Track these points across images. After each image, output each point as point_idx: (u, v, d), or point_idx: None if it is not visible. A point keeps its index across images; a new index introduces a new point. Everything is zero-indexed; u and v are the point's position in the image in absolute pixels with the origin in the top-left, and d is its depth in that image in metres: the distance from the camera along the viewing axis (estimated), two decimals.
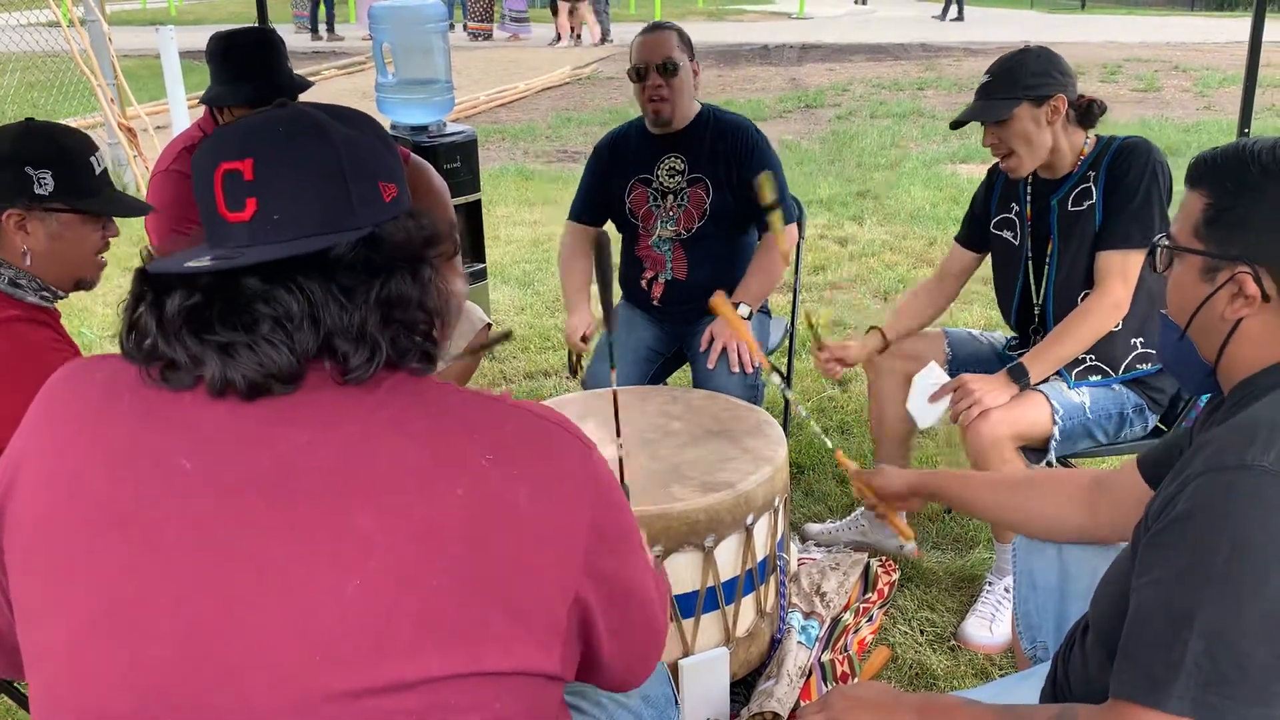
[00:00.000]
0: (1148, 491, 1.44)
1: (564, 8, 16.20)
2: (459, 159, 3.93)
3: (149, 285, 0.95)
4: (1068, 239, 2.41)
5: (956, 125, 2.45)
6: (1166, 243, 1.30)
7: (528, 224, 6.36)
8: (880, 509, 1.91)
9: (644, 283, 3.02)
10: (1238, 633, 1.03)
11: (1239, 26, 18.70)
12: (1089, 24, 20.09)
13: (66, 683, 0.93)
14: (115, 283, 5.32)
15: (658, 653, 1.13)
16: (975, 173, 7.32)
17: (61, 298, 1.85)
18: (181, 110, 6.83)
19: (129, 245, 5.61)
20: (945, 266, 2.77)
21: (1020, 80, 2.31)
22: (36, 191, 1.73)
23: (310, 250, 0.93)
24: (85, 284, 1.89)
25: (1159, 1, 25.74)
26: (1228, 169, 1.22)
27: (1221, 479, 1.08)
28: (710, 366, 2.74)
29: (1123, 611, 1.15)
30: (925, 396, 2.42)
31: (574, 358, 3.01)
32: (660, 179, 2.96)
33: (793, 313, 3.23)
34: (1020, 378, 2.34)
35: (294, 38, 16.26)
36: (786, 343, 3.21)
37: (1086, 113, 2.37)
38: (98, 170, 1.82)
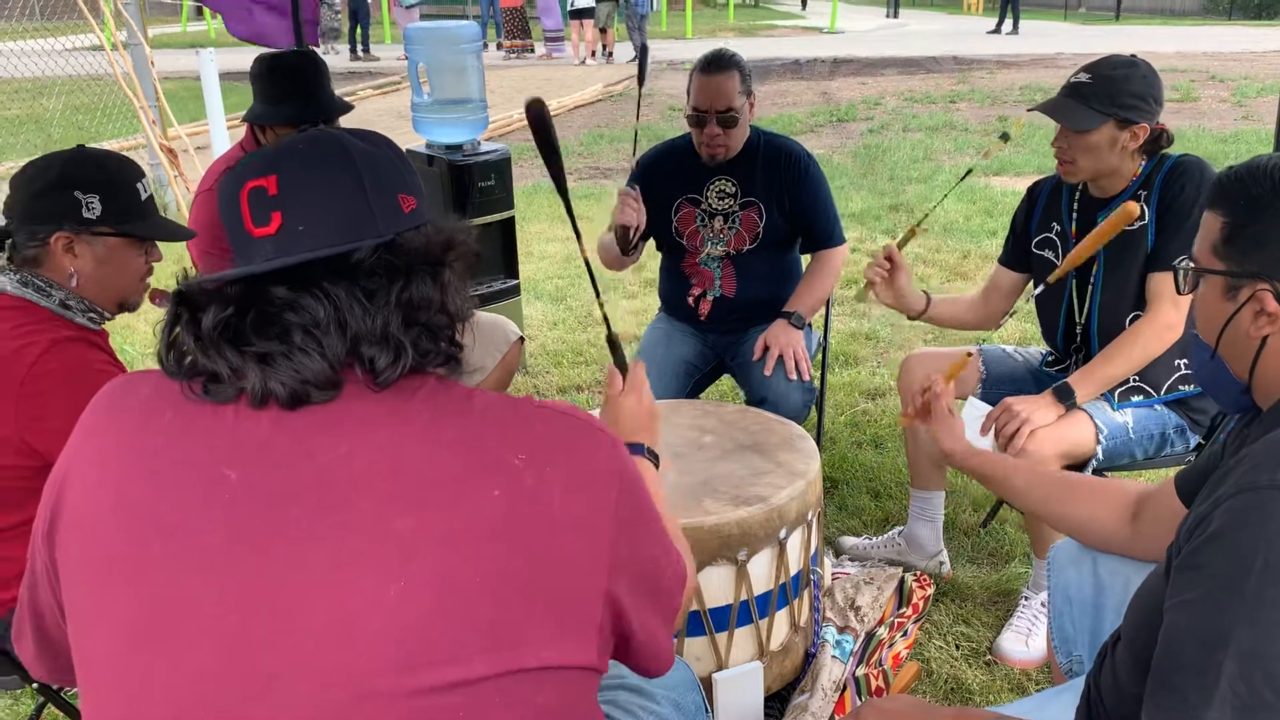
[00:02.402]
0: (1185, 511, 1.43)
1: (574, 26, 16.30)
2: (493, 177, 3.97)
3: (184, 305, 0.98)
4: (1116, 259, 2.35)
5: (1034, 110, 2.34)
6: (1188, 264, 1.30)
7: (560, 240, 6.40)
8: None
9: (690, 299, 3.00)
10: (1273, 655, 1.01)
11: (1277, 36, 18.48)
12: (1124, 35, 19.93)
13: (110, 690, 0.95)
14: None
15: (672, 623, 1.13)
16: (1008, 185, 7.27)
17: (108, 319, 1.90)
18: (221, 131, 6.97)
19: (172, 266, 5.75)
20: (991, 285, 2.73)
21: (1116, 97, 2.21)
22: (84, 215, 1.78)
23: (333, 254, 0.96)
24: (129, 306, 1.94)
25: (1195, 11, 25.48)
26: (1242, 187, 1.22)
27: (1253, 499, 1.06)
28: (767, 374, 2.73)
29: (1155, 625, 1.14)
30: (975, 432, 2.35)
31: (630, 234, 2.81)
32: (709, 201, 2.94)
33: (825, 325, 3.23)
34: (1066, 398, 2.30)
35: (330, 58, 16.49)
36: (820, 355, 3.20)
37: (1155, 141, 2.29)
38: (144, 195, 1.87)
